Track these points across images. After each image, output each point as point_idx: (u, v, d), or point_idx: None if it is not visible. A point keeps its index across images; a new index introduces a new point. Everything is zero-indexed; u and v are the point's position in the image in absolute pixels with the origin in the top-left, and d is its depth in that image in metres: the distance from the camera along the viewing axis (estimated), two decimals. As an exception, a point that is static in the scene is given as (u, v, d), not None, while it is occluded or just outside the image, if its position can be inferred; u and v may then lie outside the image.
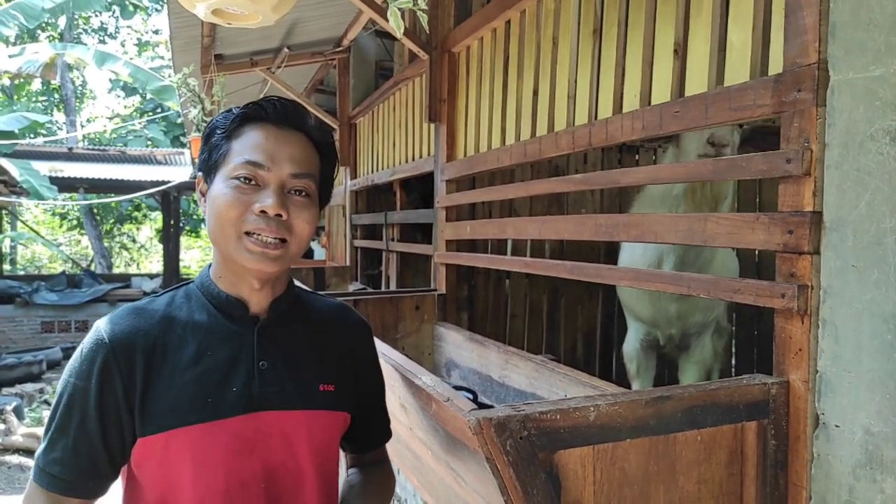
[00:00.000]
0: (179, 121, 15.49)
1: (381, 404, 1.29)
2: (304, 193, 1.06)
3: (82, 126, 20.24)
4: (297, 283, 1.21)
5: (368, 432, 1.27)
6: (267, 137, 1.04)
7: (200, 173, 1.10)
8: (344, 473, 1.26)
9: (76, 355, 1.01)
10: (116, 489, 1.06)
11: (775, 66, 1.38)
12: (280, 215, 1.02)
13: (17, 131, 11.77)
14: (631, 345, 3.01)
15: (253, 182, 1.02)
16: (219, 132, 1.07)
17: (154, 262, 20.43)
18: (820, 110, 1.24)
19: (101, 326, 1.02)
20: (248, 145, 1.04)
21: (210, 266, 1.11)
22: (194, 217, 18.72)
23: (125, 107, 21.13)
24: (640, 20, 1.85)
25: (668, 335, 2.83)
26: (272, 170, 1.03)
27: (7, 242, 15.05)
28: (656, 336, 2.90)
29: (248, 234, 1.01)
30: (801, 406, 1.26)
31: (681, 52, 1.71)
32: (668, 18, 1.75)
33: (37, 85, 19.14)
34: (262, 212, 1.01)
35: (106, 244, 18.53)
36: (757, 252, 3.71)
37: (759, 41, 1.47)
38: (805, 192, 1.26)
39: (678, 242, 1.64)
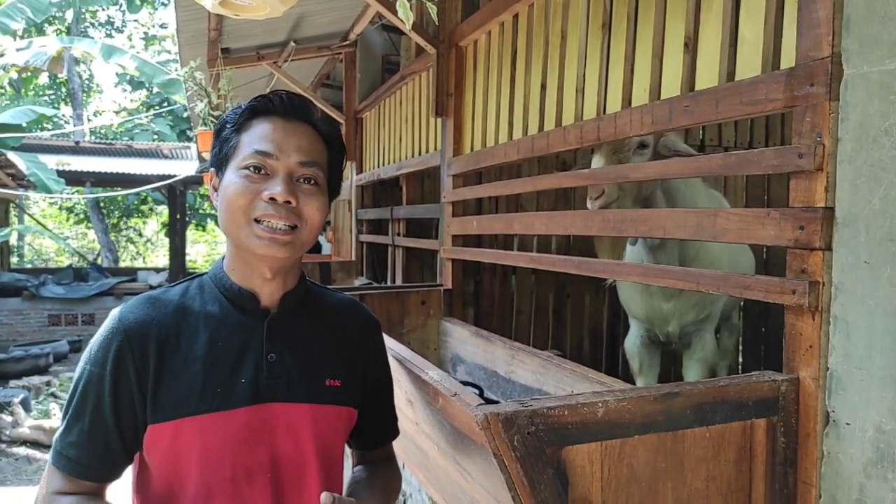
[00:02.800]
0: (186, 115, 15.51)
1: (389, 401, 1.29)
2: (312, 182, 1.07)
3: (89, 120, 20.29)
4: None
5: (375, 429, 1.27)
6: (275, 129, 1.07)
7: (212, 169, 1.12)
8: (350, 471, 1.26)
9: (92, 343, 1.04)
10: (127, 476, 1.08)
11: (787, 59, 1.37)
12: (289, 202, 1.03)
13: (24, 125, 11.79)
14: (632, 341, 3.00)
15: (262, 171, 1.04)
16: (228, 126, 1.09)
17: (160, 256, 20.51)
18: (833, 104, 1.22)
19: (116, 315, 1.04)
20: (256, 136, 1.06)
21: (223, 258, 1.13)
22: (200, 211, 18.76)
23: (132, 100, 21.19)
24: (650, 13, 1.83)
25: (666, 332, 2.82)
26: (280, 158, 1.05)
27: (14, 236, 15.11)
28: (655, 333, 2.89)
29: (257, 221, 1.03)
30: (812, 403, 1.25)
31: (691, 45, 1.69)
32: (679, 12, 1.74)
33: (44, 79, 19.17)
34: (272, 199, 1.02)
35: (112, 238, 18.61)
36: (765, 248, 3.69)
37: (771, 35, 1.45)
38: (817, 188, 1.25)
39: (687, 238, 1.63)
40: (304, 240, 1.06)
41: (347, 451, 1.25)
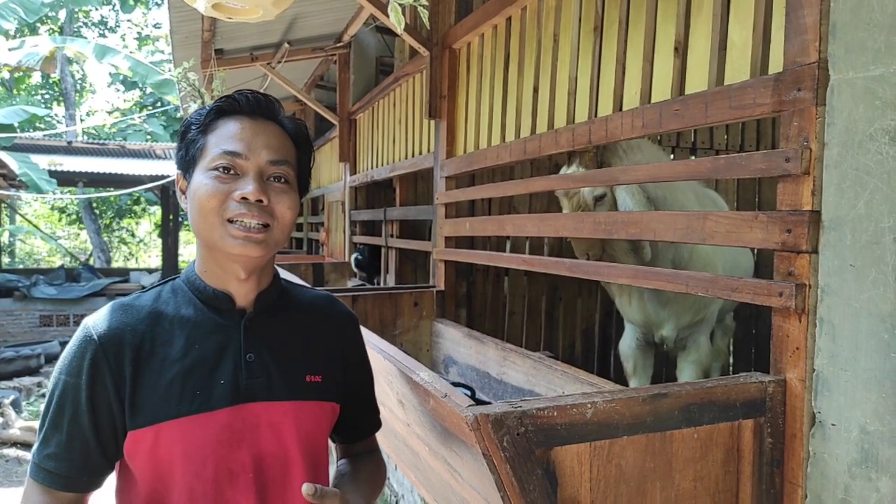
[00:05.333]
0: (179, 115, 15.45)
1: (370, 394, 1.30)
2: (282, 180, 1.07)
3: (82, 120, 20.20)
4: (288, 276, 1.21)
5: (358, 422, 1.28)
6: (243, 128, 1.06)
7: (179, 171, 1.11)
8: (335, 465, 1.26)
9: (65, 353, 1.03)
10: (109, 483, 1.07)
11: (775, 64, 1.38)
12: (261, 201, 1.03)
13: (16, 125, 11.75)
14: (627, 343, 3.02)
15: (232, 171, 1.04)
16: (194, 128, 1.09)
17: (153, 257, 20.45)
18: (819, 109, 1.24)
19: (88, 324, 1.03)
20: (224, 136, 1.06)
21: (194, 262, 1.12)
22: (193, 212, 18.66)
23: (125, 101, 21.10)
24: (641, 18, 1.85)
25: (661, 335, 2.84)
26: (250, 158, 1.04)
27: (6, 236, 15.03)
28: (651, 335, 2.91)
29: (230, 221, 1.03)
30: (798, 404, 1.27)
31: (681, 50, 1.71)
32: (669, 16, 1.75)
33: (36, 78, 19.09)
34: (243, 198, 1.02)
35: (105, 238, 18.52)
36: (756, 250, 3.71)
37: (759, 40, 1.47)
38: (804, 191, 1.27)
39: (677, 241, 1.64)
40: (276, 238, 1.07)
41: (331, 446, 1.26)
